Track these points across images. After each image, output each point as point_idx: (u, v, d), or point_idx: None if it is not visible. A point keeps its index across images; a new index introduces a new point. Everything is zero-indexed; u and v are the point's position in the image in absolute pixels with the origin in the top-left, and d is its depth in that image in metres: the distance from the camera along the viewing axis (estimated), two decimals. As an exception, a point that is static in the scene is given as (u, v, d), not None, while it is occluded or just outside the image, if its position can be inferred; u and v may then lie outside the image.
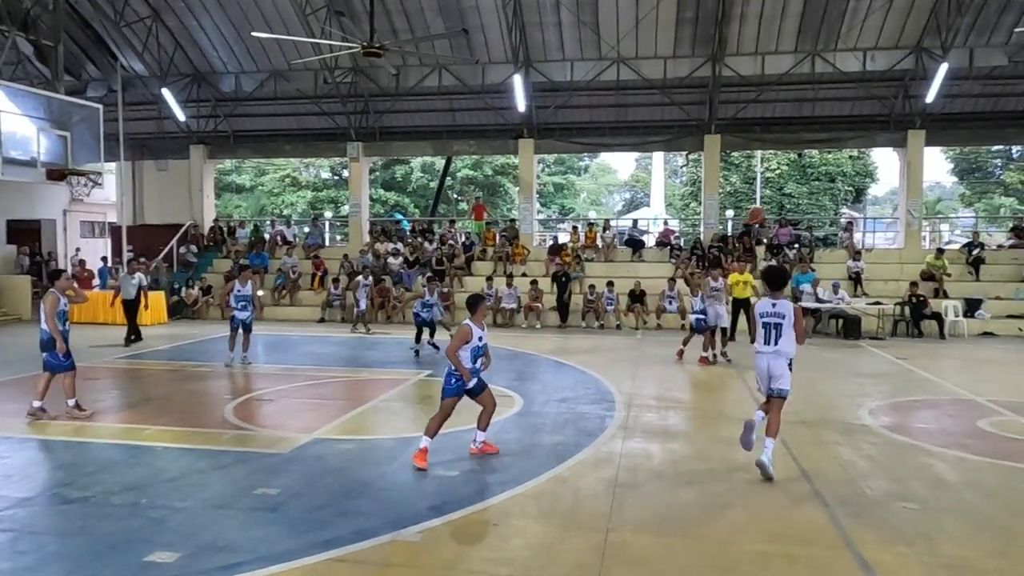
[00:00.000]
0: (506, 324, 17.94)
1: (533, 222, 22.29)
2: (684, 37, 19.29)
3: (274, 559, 4.56)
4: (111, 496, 5.69)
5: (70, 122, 13.30)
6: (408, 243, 21.66)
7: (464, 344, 6.47)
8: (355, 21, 19.03)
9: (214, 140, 23.43)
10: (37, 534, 5.02)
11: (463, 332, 6.51)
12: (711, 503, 5.65)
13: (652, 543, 4.91)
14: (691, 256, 19.74)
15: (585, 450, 7.07)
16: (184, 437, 7.47)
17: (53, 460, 6.84)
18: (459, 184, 41.33)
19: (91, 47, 21.61)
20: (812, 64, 19.19)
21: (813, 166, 36.50)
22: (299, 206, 39.89)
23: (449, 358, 6.53)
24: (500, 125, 21.73)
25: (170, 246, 22.18)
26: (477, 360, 6.64)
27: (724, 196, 32.79)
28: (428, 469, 6.32)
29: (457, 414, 6.76)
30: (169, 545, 4.75)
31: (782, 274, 6.80)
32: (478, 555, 4.72)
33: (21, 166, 12.46)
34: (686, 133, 21.13)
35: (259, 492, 5.78)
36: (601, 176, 58.09)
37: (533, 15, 18.88)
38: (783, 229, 20.63)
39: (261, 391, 10.12)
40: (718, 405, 9.32)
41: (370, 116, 22.11)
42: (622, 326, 17.77)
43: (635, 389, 10.22)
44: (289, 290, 20.19)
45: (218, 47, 21.37)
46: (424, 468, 6.32)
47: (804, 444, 7.34)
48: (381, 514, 5.32)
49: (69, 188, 14.40)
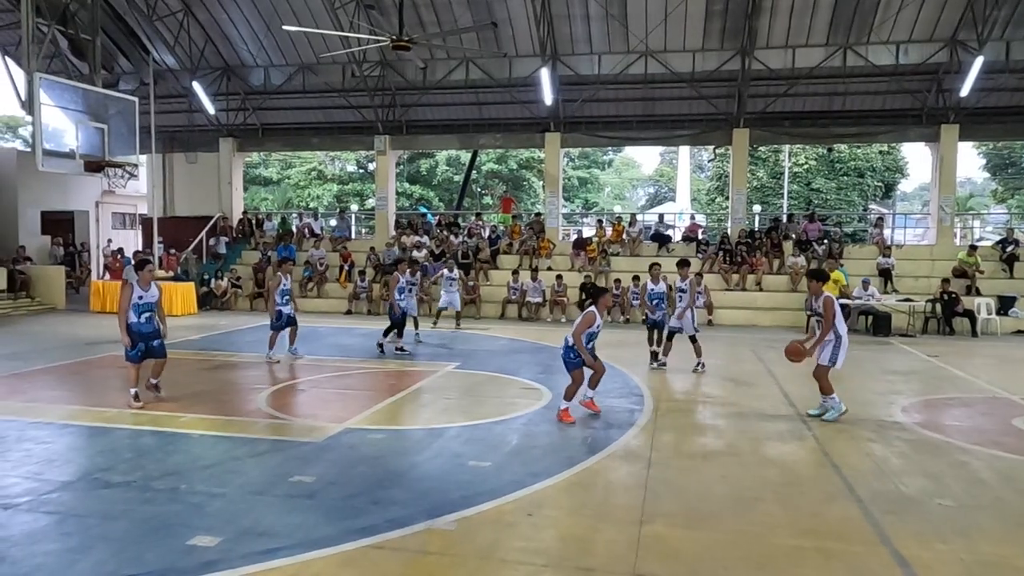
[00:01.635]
0: (531, 318, 17.98)
1: (559, 216, 22.27)
2: (713, 30, 19.14)
3: (312, 545, 4.64)
4: (152, 481, 5.82)
5: (106, 115, 13.54)
6: (434, 236, 21.75)
7: (587, 328, 7.46)
8: (384, 15, 19.12)
9: (243, 133, 23.69)
10: (81, 517, 5.14)
11: (588, 317, 7.41)
12: (743, 497, 5.64)
13: (685, 536, 4.92)
14: (718, 251, 19.62)
15: (615, 443, 7.09)
16: (219, 425, 7.60)
17: (93, 446, 6.98)
18: (483, 178, 41.40)
19: (124, 41, 21.91)
20: (844, 57, 18.96)
21: (842, 161, 36.07)
22: (325, 199, 40.21)
23: (575, 341, 7.51)
24: (526, 119, 21.73)
25: (199, 238, 22.48)
26: (590, 342, 7.86)
27: (751, 191, 32.51)
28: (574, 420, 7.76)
29: (481, 405, 6.80)
30: (210, 529, 4.85)
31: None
32: (512, 544, 4.76)
33: (60, 158, 12.71)
34: (714, 127, 20.99)
35: (295, 479, 5.87)
36: (625, 170, 57.89)
37: (561, 8, 18.84)
38: (812, 225, 20.41)
39: (292, 381, 10.25)
40: (748, 400, 9.27)
41: (397, 109, 22.21)
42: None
43: (663, 384, 10.21)
44: (316, 282, 20.38)
45: (248, 41, 21.58)
46: (573, 422, 7.71)
47: (836, 440, 7.30)
48: (415, 503, 5.38)
49: (106, 180, 14.59)
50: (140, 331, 8.13)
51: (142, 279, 8.01)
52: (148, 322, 8.19)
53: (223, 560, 4.42)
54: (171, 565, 4.34)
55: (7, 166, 22.92)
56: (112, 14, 20.80)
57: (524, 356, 12.61)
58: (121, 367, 10.35)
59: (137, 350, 8.12)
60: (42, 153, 12.12)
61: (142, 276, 8.02)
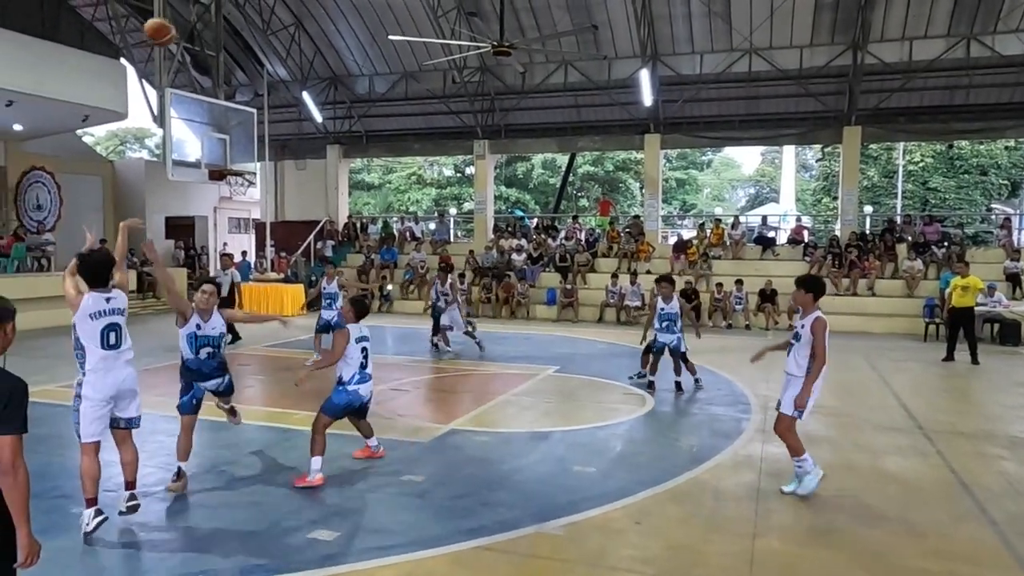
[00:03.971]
0: (630, 322, 17.77)
1: (658, 219, 21.94)
2: (823, 24, 18.40)
3: (424, 544, 4.75)
4: (273, 475, 6.12)
5: (228, 126, 14.41)
6: (532, 240, 21.88)
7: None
8: (485, 21, 19.40)
9: (348, 140, 24.57)
10: (210, 507, 5.45)
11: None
12: (863, 514, 5.39)
13: (801, 552, 4.75)
14: (826, 255, 18.83)
15: (722, 453, 6.91)
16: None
17: (218, 440, 7.38)
18: (579, 180, 41.30)
19: (240, 55, 23.17)
20: (967, 48, 17.82)
21: (962, 158, 33.85)
22: (424, 203, 41.14)
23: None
24: (625, 120, 21.53)
25: (308, 241, 23.46)
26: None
27: (862, 191, 31.00)
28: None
29: (583, 409, 6.77)
30: (327, 524, 5.05)
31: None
32: (621, 552, 4.73)
33: (187, 167, 13.60)
34: (822, 125, 20.16)
35: (405, 479, 6.03)
36: (724, 171, 56.33)
37: (662, 8, 18.58)
38: (930, 227, 19.27)
39: (396, 381, 10.51)
40: (862, 411, 8.85)
41: (496, 114, 22.48)
42: (751, 326, 17.21)
43: (771, 392, 9.86)
44: (417, 284, 20.88)
45: (354, 51, 22.38)
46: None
47: (963, 457, 6.86)
48: (522, 506, 5.43)
49: (227, 187, 15.44)
50: (199, 370, 5.84)
51: (197, 304, 5.79)
52: (210, 359, 5.85)
53: (341, 554, 4.59)
54: (294, 557, 4.55)
55: (136, 175, 24.63)
56: (230, 30, 22.04)
57: (624, 361, 12.46)
58: (243, 363, 10.84)
59: (191, 395, 5.88)
60: (172, 163, 13.01)
61: (196, 301, 5.80)
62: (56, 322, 15.54)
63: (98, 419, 4.82)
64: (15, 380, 2.89)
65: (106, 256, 4.96)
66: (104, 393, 4.80)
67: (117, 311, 4.86)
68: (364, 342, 6.22)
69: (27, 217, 20.19)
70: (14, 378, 2.90)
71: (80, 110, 15.91)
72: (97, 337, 4.77)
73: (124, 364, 4.89)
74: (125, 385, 4.89)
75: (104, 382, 4.80)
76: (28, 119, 16.92)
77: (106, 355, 4.79)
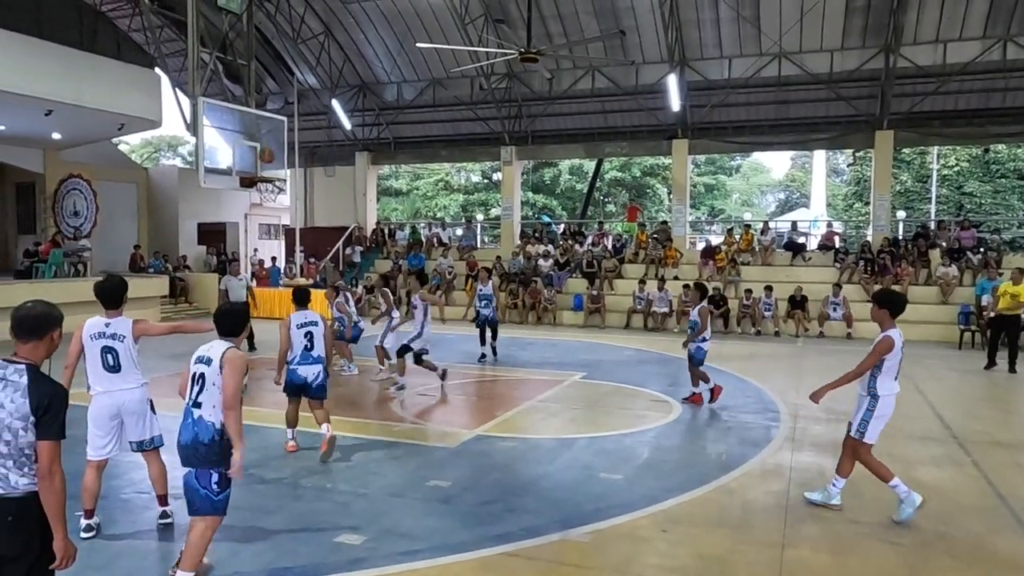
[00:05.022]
0: (657, 328, 17.67)
1: (685, 224, 21.81)
2: (854, 27, 18.17)
3: (450, 549, 4.77)
4: (300, 479, 6.18)
5: (259, 133, 14.62)
6: (559, 245, 21.86)
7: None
8: (512, 28, 19.45)
9: (377, 147, 24.77)
10: (239, 509, 5.49)
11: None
12: (895, 524, 5.29)
13: (833, 563, 4.68)
14: (858, 260, 18.54)
15: (751, 461, 6.85)
16: (358, 428, 7.95)
17: (246, 443, 7.46)
18: (607, 185, 41.20)
19: (271, 63, 23.51)
20: (1003, 50, 17.47)
21: (999, 162, 33.15)
22: (451, 209, 41.33)
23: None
24: (653, 126, 21.44)
25: (336, 247, 23.69)
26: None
27: (895, 196, 30.52)
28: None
29: (609, 416, 6.74)
30: (355, 528, 5.09)
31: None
32: (648, 560, 4.70)
33: (219, 175, 13.83)
34: (854, 129, 19.88)
35: (431, 484, 6.05)
36: (753, 176, 55.76)
37: (690, 13, 18.49)
38: (965, 232, 18.88)
39: (423, 387, 10.55)
40: (896, 421, 8.62)
41: (523, 120, 22.53)
42: (781, 333, 17.01)
43: (800, 399, 9.73)
44: (444, 290, 20.95)
45: (383, 58, 22.58)
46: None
47: (1000, 467, 6.72)
48: (549, 512, 5.42)
49: (258, 194, 15.66)
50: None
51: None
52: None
53: (368, 559, 4.63)
54: (322, 560, 4.59)
55: (170, 181, 25.10)
56: (261, 39, 22.37)
57: (651, 367, 12.42)
58: (269, 368, 10.91)
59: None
60: (204, 171, 13.24)
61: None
62: (92, 326, 15.94)
63: (100, 437, 4.95)
64: (56, 387, 2.97)
65: (117, 283, 5.09)
66: (104, 413, 4.93)
67: (116, 336, 4.93)
68: (309, 327, 6.89)
69: (64, 223, 20.66)
70: (55, 384, 2.98)
71: (116, 119, 16.26)
72: (97, 358, 4.91)
73: (126, 389, 4.96)
74: (128, 408, 4.98)
75: (103, 403, 4.94)
76: (66, 128, 17.33)
77: (106, 377, 4.92)
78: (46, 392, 2.91)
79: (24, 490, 2.90)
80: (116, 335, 4.94)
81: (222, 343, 4.31)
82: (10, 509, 2.88)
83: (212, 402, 4.15)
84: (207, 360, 4.24)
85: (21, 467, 2.90)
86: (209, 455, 4.13)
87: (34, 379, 2.93)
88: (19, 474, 2.90)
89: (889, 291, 5.91)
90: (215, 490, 4.14)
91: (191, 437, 4.13)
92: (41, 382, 2.94)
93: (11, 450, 2.88)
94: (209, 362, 4.22)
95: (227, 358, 4.17)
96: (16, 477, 2.89)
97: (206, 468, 4.13)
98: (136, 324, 5.02)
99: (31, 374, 2.94)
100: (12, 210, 22.13)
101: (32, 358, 3.01)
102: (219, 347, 4.26)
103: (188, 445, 4.14)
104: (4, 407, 2.88)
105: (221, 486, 4.17)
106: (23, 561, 2.89)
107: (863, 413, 5.58)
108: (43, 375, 2.99)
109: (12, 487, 2.89)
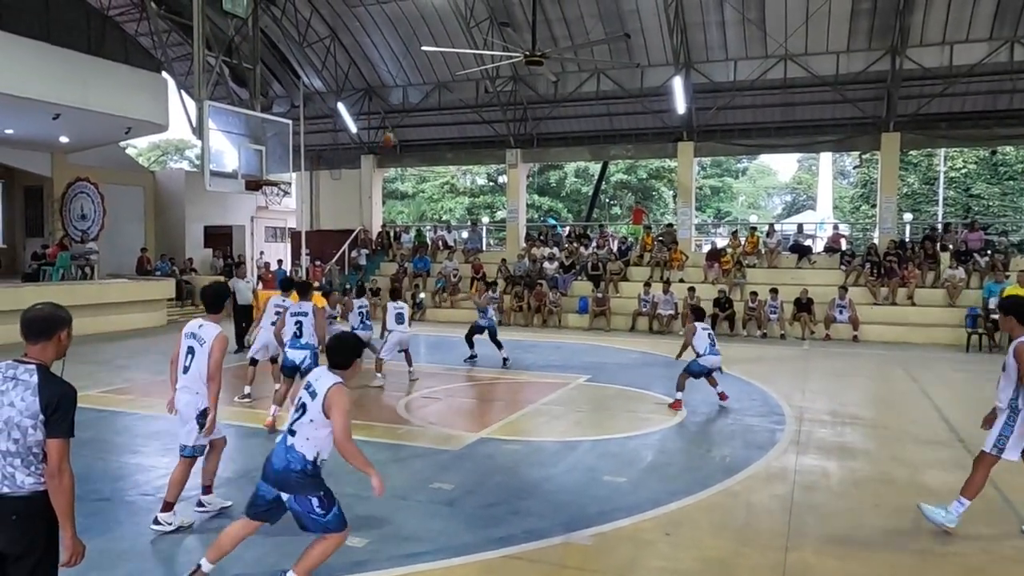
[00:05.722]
0: (663, 331, 17.64)
1: (691, 227, 21.77)
2: (860, 29, 18.13)
3: (453, 552, 4.77)
4: (304, 481, 6.18)
5: (265, 137, 14.69)
6: (564, 248, 21.85)
7: None
8: (517, 31, 19.48)
9: (382, 150, 24.82)
10: (241, 510, 5.53)
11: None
12: (900, 528, 5.28)
13: (836, 567, 4.66)
14: (864, 263, 18.48)
15: (755, 464, 6.83)
16: (363, 430, 7.93)
17: (249, 445, 7.50)
18: (612, 188, 41.19)
19: (277, 67, 23.60)
20: (1011, 52, 17.41)
21: (1007, 164, 33.05)
22: (457, 211, 41.38)
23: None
24: (658, 128, 21.44)
25: (342, 250, 23.74)
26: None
27: (901, 198, 30.44)
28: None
29: (613, 419, 6.74)
30: (358, 530, 5.07)
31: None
32: (651, 564, 4.69)
33: (224, 178, 13.90)
34: (860, 132, 19.82)
35: (435, 486, 6.06)
36: (760, 178, 55.67)
37: (695, 15, 18.49)
38: (973, 234, 18.80)
39: (428, 389, 10.57)
40: (901, 423, 8.67)
41: (528, 123, 22.55)
42: (786, 336, 16.96)
43: (806, 402, 9.73)
44: (449, 293, 20.97)
45: (388, 62, 22.64)
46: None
47: (1007, 472, 6.60)
48: (552, 515, 5.42)
49: (263, 197, 15.73)
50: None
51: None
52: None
53: (371, 561, 4.63)
54: (325, 562, 4.58)
55: (176, 185, 25.21)
56: (267, 43, 22.46)
57: (656, 370, 12.38)
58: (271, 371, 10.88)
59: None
60: (209, 174, 13.31)
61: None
62: (98, 329, 15.99)
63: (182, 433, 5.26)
64: (65, 386, 3.02)
65: (220, 288, 5.68)
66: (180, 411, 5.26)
67: (200, 339, 5.19)
68: (299, 316, 7.94)
69: (72, 227, 20.76)
70: (65, 384, 3.02)
71: (123, 122, 16.35)
72: (182, 354, 5.28)
73: (186, 391, 5.21)
74: (183, 409, 5.23)
75: (176, 397, 5.27)
76: (74, 132, 17.43)
77: (180, 375, 5.25)
78: (56, 391, 2.96)
79: (30, 489, 2.94)
80: (200, 339, 5.19)
81: (329, 376, 4.02)
82: (15, 508, 2.92)
83: (306, 435, 3.96)
84: (312, 392, 3.99)
85: (28, 466, 2.94)
86: (302, 483, 4.01)
87: (44, 378, 2.98)
88: (25, 473, 2.94)
89: (1015, 298, 5.57)
90: (320, 513, 4.04)
91: (284, 464, 4.01)
92: (51, 381, 2.99)
93: (19, 448, 2.93)
94: (314, 395, 3.96)
95: (333, 400, 3.90)
96: (23, 476, 2.93)
97: (303, 495, 4.02)
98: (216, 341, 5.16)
99: (41, 373, 2.99)
100: (20, 213, 22.28)
101: (41, 358, 3.06)
102: (326, 380, 3.98)
103: (280, 471, 4.02)
104: (14, 405, 2.93)
105: (324, 507, 4.05)
106: (27, 559, 2.93)
107: (1001, 428, 5.16)
108: (53, 375, 3.04)
109: (18, 486, 2.93)
